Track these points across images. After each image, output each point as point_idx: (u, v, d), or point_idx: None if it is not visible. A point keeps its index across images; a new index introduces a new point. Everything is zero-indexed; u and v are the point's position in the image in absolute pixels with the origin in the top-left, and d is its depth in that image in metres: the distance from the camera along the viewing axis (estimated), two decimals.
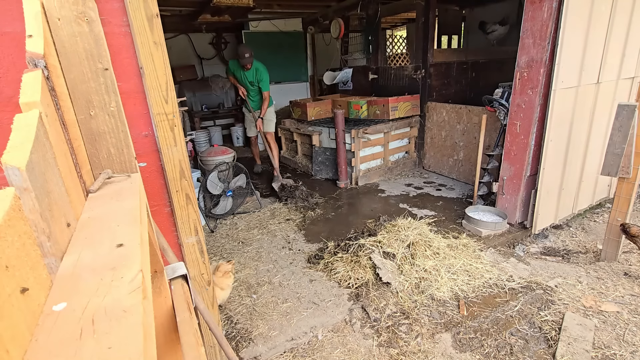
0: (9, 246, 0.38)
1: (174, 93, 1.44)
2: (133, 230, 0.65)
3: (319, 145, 5.26)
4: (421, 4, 4.79)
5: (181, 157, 1.51)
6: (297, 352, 2.20)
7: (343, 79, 6.38)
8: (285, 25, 7.59)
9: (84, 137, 0.98)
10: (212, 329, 1.34)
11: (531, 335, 2.23)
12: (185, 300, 0.99)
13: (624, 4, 3.03)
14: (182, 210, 1.57)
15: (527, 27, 2.89)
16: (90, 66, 0.98)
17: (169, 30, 7.12)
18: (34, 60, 0.73)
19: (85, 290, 0.49)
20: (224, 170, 3.91)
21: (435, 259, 2.84)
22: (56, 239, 0.54)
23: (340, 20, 6.14)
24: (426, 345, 2.19)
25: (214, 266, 2.50)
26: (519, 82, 3.04)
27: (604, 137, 3.45)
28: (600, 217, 3.75)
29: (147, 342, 0.42)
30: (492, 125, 3.96)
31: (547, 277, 2.77)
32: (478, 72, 5.47)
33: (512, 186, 3.33)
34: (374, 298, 2.57)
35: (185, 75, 7.65)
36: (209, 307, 1.76)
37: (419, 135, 5.29)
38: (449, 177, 4.94)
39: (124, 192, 0.85)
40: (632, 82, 3.53)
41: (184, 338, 0.84)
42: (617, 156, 2.49)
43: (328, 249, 3.17)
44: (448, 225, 3.56)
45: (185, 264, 1.17)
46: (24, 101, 0.59)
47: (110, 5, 1.26)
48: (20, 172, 0.44)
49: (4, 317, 0.34)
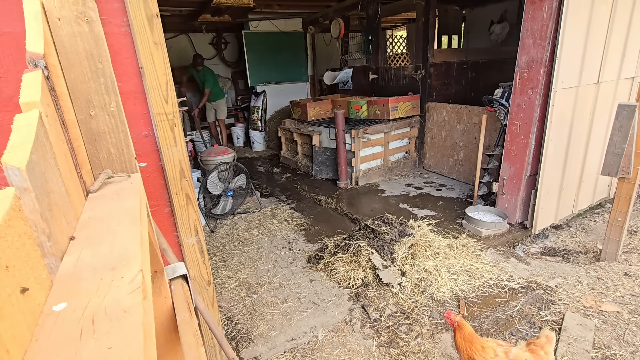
0: (9, 246, 0.38)
1: (174, 93, 1.44)
2: (133, 230, 0.65)
3: (319, 145, 5.26)
4: (421, 4, 4.79)
5: (181, 157, 1.51)
6: (297, 352, 2.20)
7: (343, 79, 6.38)
8: (285, 25, 7.59)
9: (84, 137, 0.98)
10: (212, 329, 1.34)
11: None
12: (185, 300, 0.99)
13: (624, 4, 3.03)
14: (182, 210, 1.57)
15: (527, 27, 2.88)
16: (90, 66, 0.98)
17: (169, 30, 7.13)
18: (34, 60, 0.73)
19: (85, 290, 0.49)
20: (224, 170, 3.91)
21: (435, 259, 2.84)
22: (56, 239, 0.54)
23: (340, 20, 6.14)
24: (426, 346, 2.19)
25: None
26: (519, 82, 3.04)
27: (604, 137, 3.45)
28: (600, 217, 3.75)
29: (147, 342, 0.42)
30: (492, 125, 3.96)
31: (547, 277, 2.77)
32: (478, 72, 5.47)
33: (512, 186, 3.33)
34: (374, 298, 2.57)
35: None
36: (209, 307, 1.77)
37: (419, 135, 5.29)
38: (449, 177, 4.94)
39: (124, 192, 0.85)
40: (632, 82, 3.52)
41: (184, 338, 0.84)
42: (617, 156, 2.49)
43: (328, 249, 3.17)
44: (448, 225, 3.56)
45: (185, 264, 1.17)
46: (24, 101, 0.59)
47: (110, 5, 1.26)
48: (20, 172, 0.44)
49: (4, 317, 0.34)
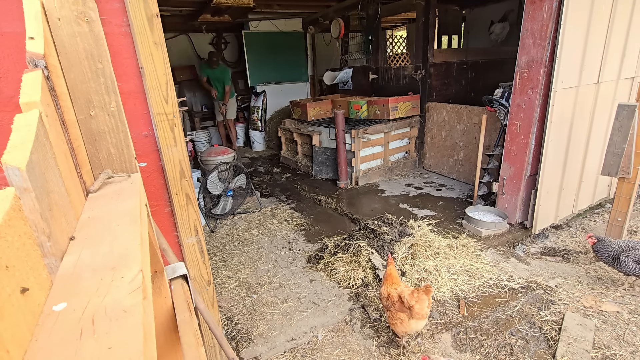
0: (9, 246, 0.38)
1: (174, 93, 1.44)
2: (133, 230, 0.65)
3: (319, 145, 5.26)
4: (421, 4, 4.79)
5: (181, 157, 1.51)
6: (297, 352, 2.20)
7: (343, 79, 6.38)
8: (285, 25, 7.59)
9: (84, 137, 0.98)
10: (212, 329, 1.34)
11: (531, 335, 2.23)
12: (185, 300, 0.99)
13: (624, 4, 3.03)
14: (182, 210, 1.57)
15: (527, 27, 2.88)
16: (90, 66, 0.98)
17: (169, 30, 7.13)
18: (34, 60, 0.73)
19: (85, 290, 0.49)
20: (224, 170, 3.91)
21: (435, 259, 2.84)
22: (56, 239, 0.54)
23: (340, 20, 6.14)
24: (426, 345, 2.19)
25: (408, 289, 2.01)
26: (519, 82, 3.04)
27: (604, 137, 3.45)
28: (600, 217, 3.75)
29: (147, 342, 0.42)
30: (492, 125, 3.96)
31: (547, 277, 2.77)
32: (478, 72, 5.47)
33: (512, 186, 3.33)
34: (374, 298, 2.56)
35: (185, 75, 7.65)
36: (209, 307, 1.77)
37: (419, 135, 5.29)
38: (449, 177, 4.94)
39: (124, 192, 0.85)
40: (632, 82, 3.52)
41: (184, 338, 0.84)
42: (617, 156, 2.49)
43: (328, 249, 3.17)
44: (448, 225, 3.56)
45: (185, 264, 1.17)
46: (24, 101, 0.59)
47: (110, 5, 1.26)
48: (20, 172, 0.44)
49: (4, 317, 0.34)
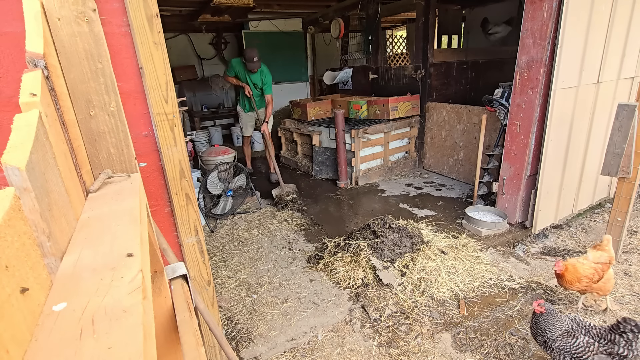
0: (9, 246, 0.38)
1: (174, 93, 1.44)
2: (133, 230, 0.65)
3: (319, 145, 5.26)
4: (421, 4, 4.79)
5: (181, 157, 1.51)
6: (297, 352, 2.20)
7: (343, 79, 6.38)
8: (285, 25, 7.59)
9: (84, 137, 0.98)
10: (212, 329, 1.34)
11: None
12: (185, 300, 0.99)
13: (624, 4, 3.03)
14: (182, 210, 1.57)
15: (527, 27, 2.88)
16: (90, 66, 0.98)
17: (169, 30, 7.13)
18: (34, 60, 0.73)
19: (85, 290, 0.49)
20: (224, 170, 3.91)
21: (435, 259, 2.84)
22: (56, 239, 0.54)
23: (340, 20, 6.14)
24: (426, 345, 2.19)
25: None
26: (519, 82, 3.04)
27: (604, 137, 3.45)
28: (600, 217, 3.75)
29: (147, 342, 0.42)
30: (492, 125, 3.96)
31: (547, 277, 2.77)
32: (478, 72, 5.47)
33: (512, 186, 3.33)
34: (373, 298, 2.57)
35: (185, 75, 7.65)
36: (209, 307, 1.77)
37: (419, 135, 5.29)
38: (449, 177, 4.94)
39: (124, 192, 0.85)
40: (632, 82, 3.52)
41: (184, 338, 0.84)
42: (617, 156, 2.49)
43: (328, 249, 3.17)
44: (448, 225, 3.56)
45: (185, 264, 1.17)
46: (24, 101, 0.59)
47: (110, 5, 1.26)
48: (20, 172, 0.44)
49: (4, 317, 0.34)
